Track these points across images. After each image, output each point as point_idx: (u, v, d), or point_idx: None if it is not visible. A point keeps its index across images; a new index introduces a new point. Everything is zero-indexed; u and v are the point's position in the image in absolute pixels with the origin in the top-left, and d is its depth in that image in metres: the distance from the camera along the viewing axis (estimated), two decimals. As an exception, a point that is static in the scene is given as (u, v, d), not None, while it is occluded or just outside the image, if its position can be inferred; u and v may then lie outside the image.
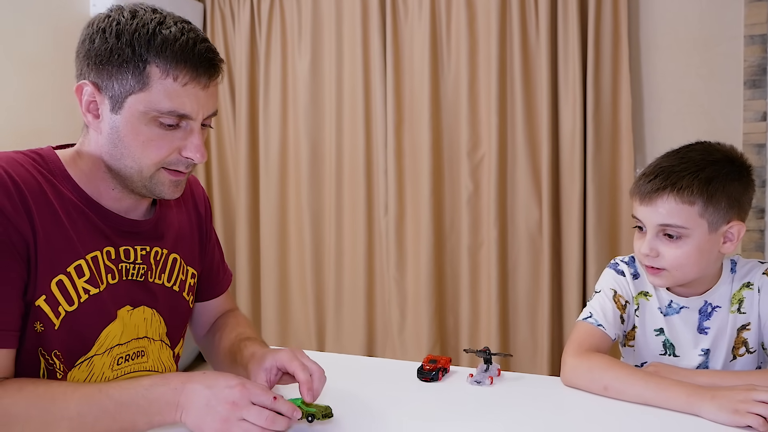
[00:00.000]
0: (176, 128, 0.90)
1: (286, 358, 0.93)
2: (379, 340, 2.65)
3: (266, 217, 2.74)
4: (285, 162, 2.73)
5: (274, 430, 0.81)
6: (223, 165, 2.87)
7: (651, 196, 1.10)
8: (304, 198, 2.68)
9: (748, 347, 1.16)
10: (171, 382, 0.84)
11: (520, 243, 2.42)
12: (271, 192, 2.73)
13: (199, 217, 1.14)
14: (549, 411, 1.03)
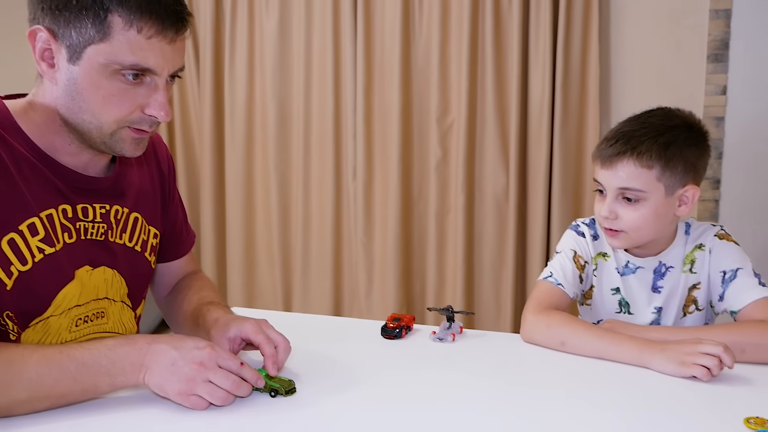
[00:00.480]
0: (140, 84, 0.85)
1: (251, 330, 0.93)
2: (346, 304, 2.68)
3: (232, 180, 2.72)
4: (251, 123, 2.70)
5: (237, 395, 0.82)
6: (187, 125, 2.82)
7: (611, 159, 1.13)
8: (271, 160, 2.67)
9: (697, 305, 1.21)
10: (137, 342, 0.82)
11: (486, 209, 2.46)
12: (237, 154, 2.70)
13: (161, 176, 1.11)
14: (508, 365, 1.07)
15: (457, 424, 0.80)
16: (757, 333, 1.06)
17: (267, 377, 0.88)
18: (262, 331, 0.93)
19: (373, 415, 0.82)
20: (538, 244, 2.37)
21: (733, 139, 2.58)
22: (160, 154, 1.12)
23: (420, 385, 0.94)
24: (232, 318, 0.98)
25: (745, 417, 0.82)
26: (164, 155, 1.13)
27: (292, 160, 2.68)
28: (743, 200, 2.58)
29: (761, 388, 0.95)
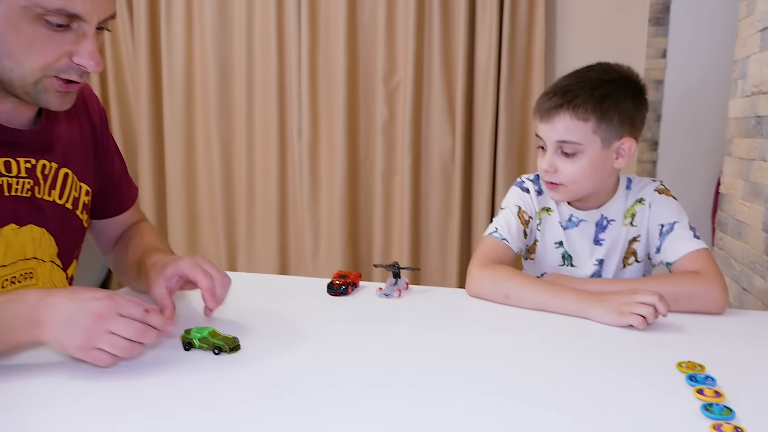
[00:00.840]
0: (66, 29, 0.79)
1: (187, 266, 0.91)
2: (292, 267, 2.66)
3: (171, 140, 2.63)
4: (191, 79, 2.60)
5: (143, 342, 0.77)
6: (121, 80, 2.68)
7: (549, 113, 1.15)
8: (212, 120, 2.59)
9: (636, 257, 1.25)
10: (29, 297, 0.75)
11: (433, 170, 2.46)
12: (176, 111, 2.61)
13: (93, 129, 1.05)
14: (454, 318, 1.07)
15: (404, 376, 0.80)
16: (690, 283, 1.10)
17: (210, 335, 0.86)
18: (199, 265, 0.91)
19: (319, 370, 0.81)
20: (483, 202, 2.40)
21: (672, 101, 2.65)
22: (91, 107, 1.06)
23: (366, 340, 0.93)
24: (170, 258, 0.95)
25: (677, 361, 0.85)
26: (95, 108, 1.07)
27: (235, 119, 2.61)
28: (680, 162, 2.66)
29: (693, 334, 0.98)
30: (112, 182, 1.11)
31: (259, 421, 0.66)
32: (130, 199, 1.17)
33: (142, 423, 0.65)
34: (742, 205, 1.70)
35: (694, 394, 0.75)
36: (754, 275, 1.56)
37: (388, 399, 0.73)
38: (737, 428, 0.66)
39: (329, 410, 0.70)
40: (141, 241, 1.09)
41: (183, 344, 0.87)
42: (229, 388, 0.75)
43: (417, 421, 0.67)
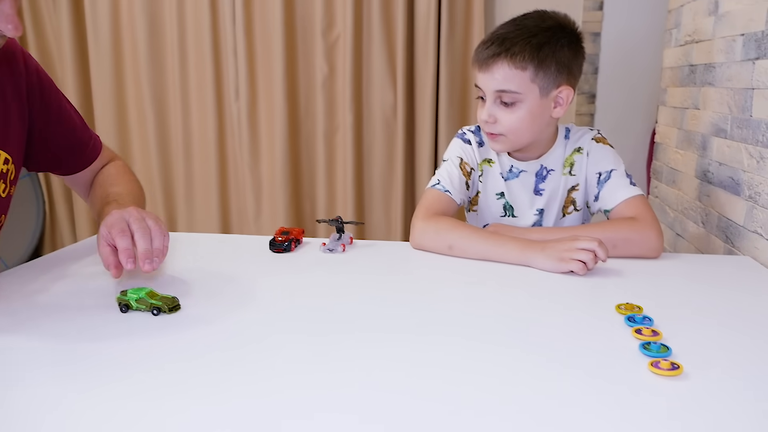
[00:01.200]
0: None
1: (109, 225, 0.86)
2: (235, 229, 2.61)
3: (101, 102, 2.50)
4: (118, 38, 2.46)
5: None
6: (43, 41, 2.50)
7: (487, 62, 1.13)
8: (144, 80, 2.47)
9: (575, 206, 1.27)
10: None
11: (375, 126, 2.43)
12: (104, 73, 2.48)
13: (18, 92, 0.97)
14: (398, 270, 1.07)
15: (349, 327, 0.79)
16: (627, 229, 1.12)
17: (148, 295, 0.83)
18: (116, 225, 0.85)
19: (263, 325, 0.79)
20: (426, 156, 2.39)
21: (609, 54, 2.68)
22: (18, 68, 0.98)
23: (310, 295, 0.92)
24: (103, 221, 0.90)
25: (616, 304, 0.87)
26: (25, 70, 0.99)
27: (168, 79, 2.49)
28: (617, 114, 2.71)
29: (630, 278, 1.01)
30: (69, 141, 1.07)
31: (204, 380, 0.64)
32: (92, 153, 1.13)
33: (80, 392, 0.62)
34: (676, 153, 1.75)
35: (632, 334, 0.77)
36: (688, 221, 1.62)
37: (334, 348, 0.72)
38: (674, 364, 0.67)
39: (276, 364, 0.68)
40: (97, 192, 1.07)
41: (119, 306, 0.83)
42: (170, 348, 0.72)
43: (369, 366, 0.67)
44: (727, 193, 1.36)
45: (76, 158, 1.11)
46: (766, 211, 1.17)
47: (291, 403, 0.60)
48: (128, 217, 0.87)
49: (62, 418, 0.57)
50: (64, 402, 0.59)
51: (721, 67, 1.42)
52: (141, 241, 0.84)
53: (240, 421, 0.56)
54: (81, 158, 1.11)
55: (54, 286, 0.94)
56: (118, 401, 0.59)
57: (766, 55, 1.20)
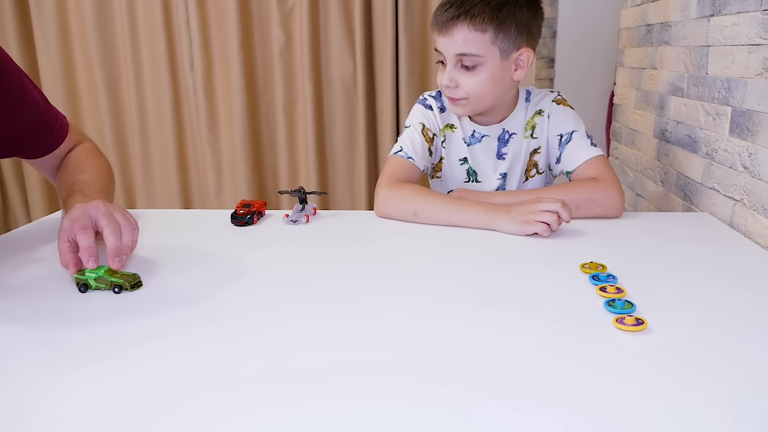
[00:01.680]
0: None
1: (71, 219, 0.82)
2: (196, 205, 2.56)
3: (48, 78, 2.40)
4: (63, 9, 2.36)
5: None
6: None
7: (447, 25, 1.11)
8: (93, 54, 2.37)
9: (538, 169, 1.27)
10: None
11: (335, 96, 2.39)
12: (50, 48, 2.37)
13: None
14: (363, 238, 1.06)
15: (315, 295, 0.78)
16: (589, 189, 1.13)
17: (107, 273, 0.80)
18: (80, 220, 0.82)
19: (228, 300, 0.77)
20: (388, 124, 2.37)
21: (566, 17, 2.69)
22: None
23: (275, 265, 0.90)
24: (71, 206, 0.87)
25: (581, 263, 0.88)
26: None
27: (119, 52, 2.40)
28: (576, 78, 2.73)
29: (593, 238, 1.02)
30: (33, 125, 1.02)
31: (178, 356, 0.63)
32: (58, 136, 1.08)
33: (46, 378, 0.59)
34: (634, 114, 1.76)
35: (597, 292, 0.78)
36: (647, 180, 1.64)
37: (313, 317, 0.71)
38: (638, 319, 0.68)
39: (242, 337, 0.67)
40: (64, 178, 1.03)
41: (77, 286, 0.81)
42: (134, 326, 0.70)
43: (340, 335, 0.66)
44: (684, 151, 1.38)
45: (41, 142, 1.05)
46: (722, 167, 1.20)
47: (269, 376, 0.59)
48: (94, 213, 0.83)
49: (40, 406, 0.54)
50: (41, 389, 0.57)
51: (677, 25, 1.43)
52: (110, 238, 0.81)
53: (220, 397, 0.55)
54: (46, 142, 1.06)
55: (7, 268, 0.91)
56: (97, 384, 0.58)
57: (720, 11, 1.21)
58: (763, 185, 1.04)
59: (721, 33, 1.21)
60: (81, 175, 1.02)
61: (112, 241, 0.81)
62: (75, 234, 0.81)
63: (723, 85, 1.19)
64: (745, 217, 1.10)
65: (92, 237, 0.81)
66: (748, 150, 1.10)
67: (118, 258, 0.80)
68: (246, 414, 0.52)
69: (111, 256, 0.79)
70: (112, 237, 0.81)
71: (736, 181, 1.14)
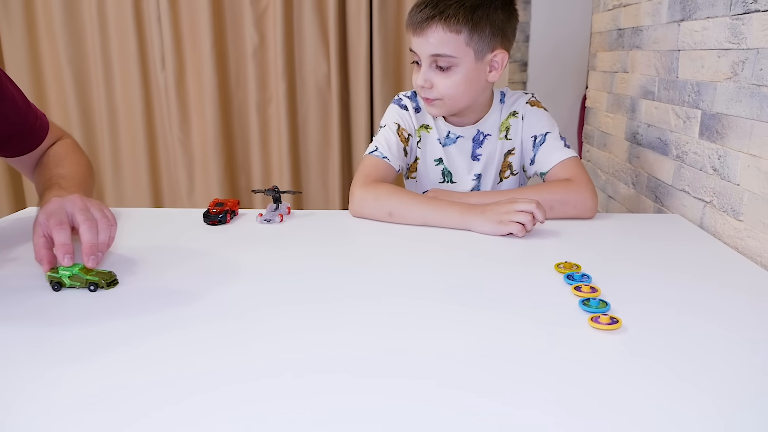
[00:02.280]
0: None
1: (47, 213, 0.80)
2: (167, 205, 2.51)
3: (14, 75, 2.33)
4: (30, 5, 2.31)
5: None
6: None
7: (422, 26, 1.11)
8: (61, 51, 2.32)
9: (512, 170, 1.27)
10: None
11: (309, 96, 2.38)
12: (17, 45, 2.31)
13: None
14: (338, 238, 1.05)
15: (290, 294, 0.77)
16: (563, 191, 1.14)
17: (81, 271, 0.78)
18: (55, 215, 0.80)
19: (206, 299, 0.76)
20: (362, 124, 2.36)
21: (539, 22, 2.71)
22: None
23: (249, 265, 0.89)
24: (47, 200, 0.85)
25: (555, 263, 0.88)
26: None
27: (88, 49, 2.35)
28: (549, 82, 2.75)
29: (568, 238, 1.03)
30: (12, 123, 1.00)
31: (151, 356, 0.61)
32: (38, 134, 1.06)
33: (24, 382, 0.57)
34: (606, 117, 1.79)
35: (572, 291, 0.78)
36: (619, 183, 1.66)
37: (278, 316, 0.70)
38: (612, 318, 0.69)
39: (218, 337, 0.65)
40: (41, 173, 1.01)
41: (51, 284, 0.78)
42: (112, 325, 0.68)
43: (316, 334, 0.65)
44: (655, 153, 1.40)
45: (20, 140, 1.03)
46: (692, 169, 1.22)
47: (245, 374, 0.57)
48: (71, 208, 0.81)
49: (19, 408, 0.52)
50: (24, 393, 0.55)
51: (648, 30, 1.45)
52: (86, 235, 0.78)
53: (203, 395, 0.54)
54: (26, 140, 1.04)
55: (-32, 268, 0.88)
56: (76, 384, 0.56)
57: (690, 16, 1.23)
58: (732, 187, 1.06)
59: (691, 37, 1.23)
60: (59, 169, 0.99)
61: (88, 238, 0.78)
62: (50, 229, 0.78)
63: (693, 89, 1.22)
64: (715, 218, 1.12)
65: (68, 233, 0.78)
66: (717, 152, 1.12)
67: (94, 256, 0.77)
68: (226, 410, 0.51)
69: (86, 254, 0.77)
70: (88, 234, 0.78)
71: (706, 183, 1.16)
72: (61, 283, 0.78)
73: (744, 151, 1.02)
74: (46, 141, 1.08)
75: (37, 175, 1.03)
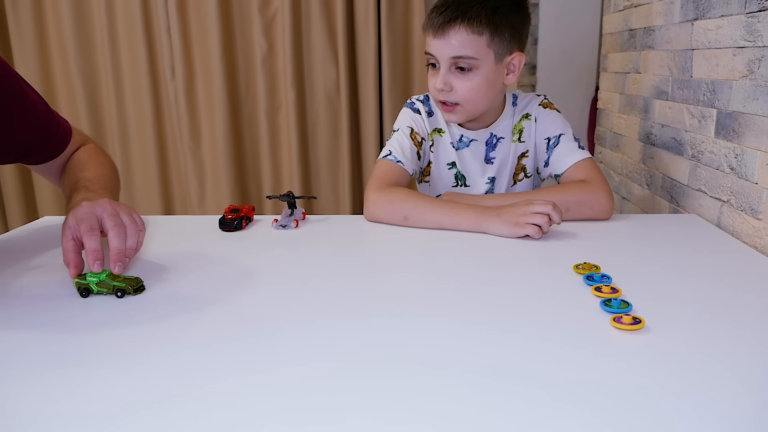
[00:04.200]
0: None
1: (76, 219, 0.81)
2: (178, 214, 2.53)
3: (28, 85, 2.36)
4: (41, 18, 2.32)
5: None
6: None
7: (443, 28, 1.10)
8: (72, 61, 2.34)
9: (526, 172, 1.27)
10: None
11: (318, 103, 2.38)
12: (28, 57, 2.33)
13: None
14: (355, 243, 1.05)
15: (312, 301, 0.76)
16: (579, 192, 1.13)
17: (109, 277, 0.78)
18: (86, 220, 0.80)
19: (230, 306, 0.76)
20: (371, 131, 2.36)
21: (547, 25, 2.71)
22: None
23: (267, 270, 0.89)
24: (77, 203, 0.85)
25: (574, 264, 0.88)
26: None
27: (98, 58, 2.37)
28: (558, 84, 2.75)
29: (585, 240, 1.02)
30: (35, 131, 1.00)
31: (178, 360, 0.61)
32: (62, 140, 1.06)
33: (52, 386, 0.57)
34: (618, 118, 1.78)
35: (592, 293, 0.78)
36: (633, 184, 1.65)
37: (303, 320, 0.70)
38: (635, 318, 0.68)
39: (246, 340, 0.65)
40: (68, 177, 1.01)
41: (79, 291, 0.78)
42: (139, 330, 0.68)
43: (342, 339, 0.64)
44: (670, 153, 1.39)
45: (44, 148, 1.04)
46: (709, 168, 1.21)
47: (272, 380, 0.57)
48: (101, 212, 0.81)
49: (48, 412, 0.52)
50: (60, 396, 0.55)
51: (661, 29, 1.45)
52: (115, 241, 0.79)
53: (232, 401, 0.53)
54: (50, 147, 1.05)
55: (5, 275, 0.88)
56: (107, 390, 0.56)
57: (704, 15, 1.23)
58: (749, 185, 1.05)
59: (705, 36, 1.22)
60: (85, 172, 1.00)
61: (116, 244, 0.78)
62: (81, 234, 0.79)
63: (708, 88, 1.21)
64: (733, 217, 1.10)
65: (99, 239, 0.79)
66: (734, 151, 1.11)
67: (120, 263, 0.78)
68: (253, 420, 0.51)
69: (113, 261, 0.77)
70: (116, 240, 0.79)
71: (723, 182, 1.15)
72: (89, 289, 0.78)
73: (762, 149, 1.01)
74: (70, 147, 1.08)
75: (63, 180, 1.04)
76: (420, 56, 2.34)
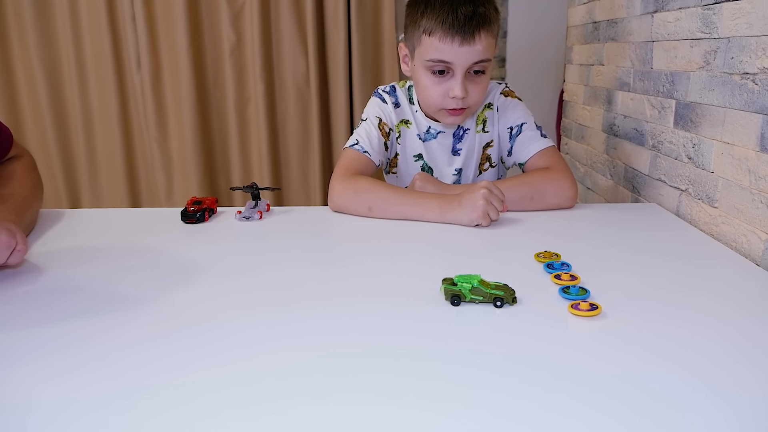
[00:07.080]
0: None
1: None
2: (145, 207, 2.49)
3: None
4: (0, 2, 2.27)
5: None
6: None
7: (472, 34, 1.07)
8: (33, 51, 2.29)
9: (491, 162, 1.28)
10: None
11: (288, 95, 2.37)
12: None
13: None
14: (318, 235, 1.05)
15: (272, 293, 0.76)
16: (542, 180, 1.14)
17: (482, 284, 0.73)
18: None
19: (179, 298, 0.75)
20: (342, 123, 2.36)
21: (516, 18, 2.73)
22: None
23: (228, 263, 0.88)
24: None
25: (535, 252, 0.89)
26: None
27: (61, 49, 2.32)
28: (527, 77, 2.77)
29: (547, 228, 1.03)
30: None
31: (135, 358, 0.60)
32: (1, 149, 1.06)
33: None
34: (583, 110, 1.80)
35: (552, 280, 0.79)
36: (597, 174, 1.68)
37: (260, 314, 0.70)
38: (592, 305, 0.69)
39: (204, 338, 0.65)
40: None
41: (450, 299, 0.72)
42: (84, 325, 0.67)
43: (298, 331, 0.64)
44: (632, 144, 1.42)
45: None
46: (668, 158, 1.23)
47: (229, 376, 0.57)
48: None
49: None
50: None
51: (623, 22, 1.47)
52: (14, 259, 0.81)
53: (197, 395, 0.53)
54: None
55: None
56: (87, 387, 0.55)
57: (663, 7, 1.25)
58: (706, 174, 1.08)
59: (664, 28, 1.24)
60: (11, 191, 1.00)
61: None
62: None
63: (667, 79, 1.23)
64: (691, 206, 1.13)
65: None
66: (692, 141, 1.13)
67: None
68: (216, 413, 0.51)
69: None
70: None
71: (682, 172, 1.17)
72: (459, 296, 0.73)
73: (717, 139, 1.04)
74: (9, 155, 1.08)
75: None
76: (390, 48, 2.33)
